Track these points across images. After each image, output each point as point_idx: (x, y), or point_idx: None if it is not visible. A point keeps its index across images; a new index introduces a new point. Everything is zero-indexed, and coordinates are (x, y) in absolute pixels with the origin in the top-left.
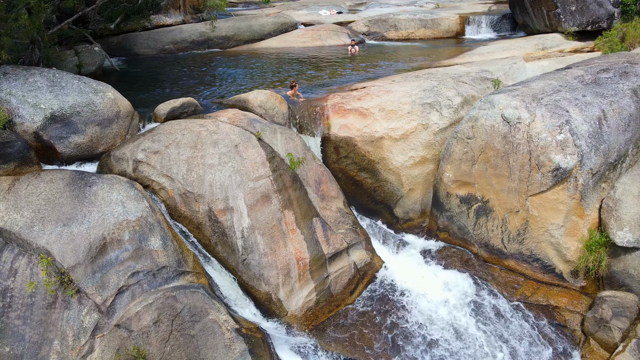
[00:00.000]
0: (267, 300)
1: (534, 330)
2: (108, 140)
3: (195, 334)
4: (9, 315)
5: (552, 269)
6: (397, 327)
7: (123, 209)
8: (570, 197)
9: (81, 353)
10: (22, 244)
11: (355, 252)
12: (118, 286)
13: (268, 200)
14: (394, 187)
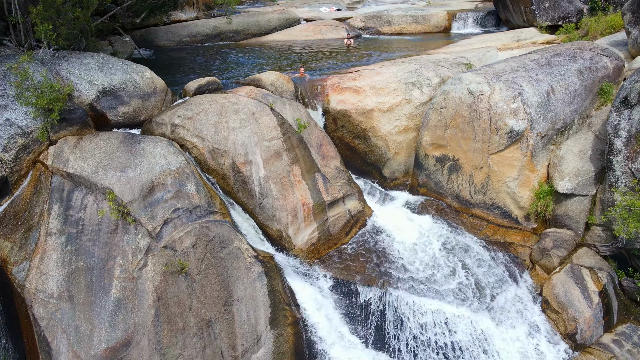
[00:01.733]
0: (278, 237)
1: (492, 260)
2: (148, 110)
3: (223, 257)
4: (82, 238)
5: (509, 214)
6: (383, 258)
7: (165, 161)
8: (523, 155)
9: (138, 266)
10: (89, 186)
11: (349, 201)
12: (164, 218)
13: (279, 157)
14: (382, 151)
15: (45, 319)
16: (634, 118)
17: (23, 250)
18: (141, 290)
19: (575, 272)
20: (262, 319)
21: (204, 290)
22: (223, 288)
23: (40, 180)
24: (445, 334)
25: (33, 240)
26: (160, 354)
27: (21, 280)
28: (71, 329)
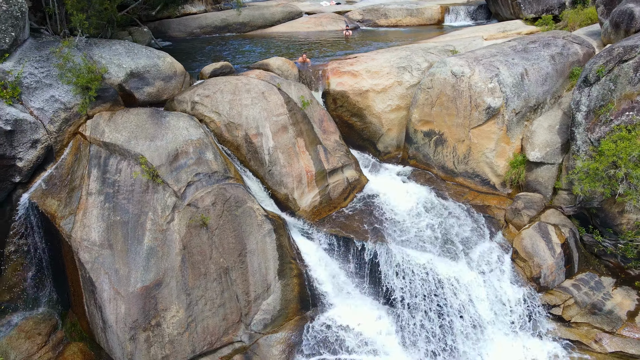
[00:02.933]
0: (285, 200)
1: (472, 220)
2: (169, 90)
3: (238, 215)
4: (117, 197)
5: (487, 181)
6: (377, 219)
7: (187, 132)
8: (499, 129)
9: (166, 220)
10: (123, 153)
11: (347, 171)
12: (187, 181)
13: (286, 130)
14: (377, 128)
15: (89, 263)
16: (592, 95)
17: (68, 207)
18: (169, 240)
19: (542, 228)
20: (271, 270)
21: (222, 242)
22: (238, 241)
23: (79, 149)
24: (429, 281)
25: (76, 199)
26: (186, 294)
27: (68, 231)
28: (112, 271)
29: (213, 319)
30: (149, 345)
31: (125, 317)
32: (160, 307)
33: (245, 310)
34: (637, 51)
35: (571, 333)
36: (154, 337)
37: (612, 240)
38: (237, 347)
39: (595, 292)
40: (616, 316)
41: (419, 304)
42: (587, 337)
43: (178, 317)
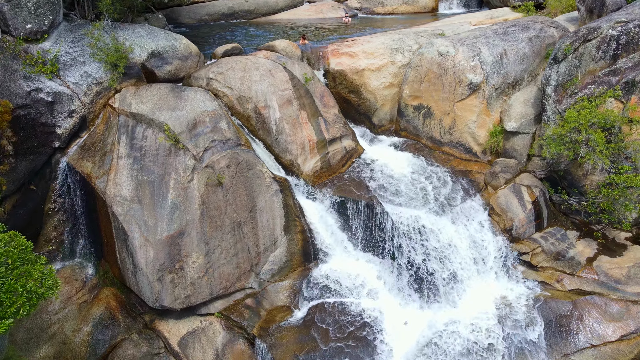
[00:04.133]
0: (290, 165)
1: (455, 183)
2: (186, 69)
3: (249, 176)
4: (144, 160)
5: (470, 150)
6: (372, 182)
7: (204, 104)
8: (480, 102)
9: (187, 179)
10: (148, 122)
11: (345, 140)
12: (205, 146)
13: (290, 103)
14: (372, 103)
15: (122, 215)
16: (560, 71)
17: (101, 168)
18: (190, 196)
19: (516, 188)
20: (278, 226)
21: (235, 200)
22: (249, 199)
23: (109, 119)
24: (417, 233)
25: (108, 162)
26: (205, 243)
27: (103, 188)
28: (141, 222)
29: (228, 267)
30: (174, 285)
31: (154, 261)
32: (183, 253)
33: (255, 260)
34: (599, 32)
35: (537, 275)
36: (178, 279)
37: (576, 198)
38: (248, 293)
39: (560, 243)
40: (577, 261)
41: (407, 254)
42: (551, 278)
43: (198, 263)
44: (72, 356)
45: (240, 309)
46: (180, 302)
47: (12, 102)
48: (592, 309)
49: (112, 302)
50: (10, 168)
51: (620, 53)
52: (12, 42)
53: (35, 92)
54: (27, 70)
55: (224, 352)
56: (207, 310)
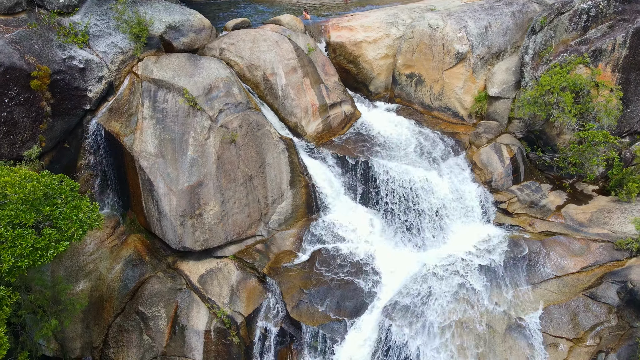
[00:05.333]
0: (295, 127)
1: (443, 143)
2: (200, 41)
3: (259, 135)
4: (166, 120)
5: (457, 114)
6: (368, 142)
7: (218, 72)
8: (466, 70)
9: (204, 137)
10: (168, 87)
11: (345, 105)
12: (219, 109)
13: (295, 71)
14: (369, 72)
15: (148, 168)
16: (537, 41)
17: (128, 128)
18: (207, 152)
19: (496, 146)
20: (284, 181)
21: (247, 156)
22: (259, 155)
23: (134, 84)
24: (407, 185)
25: (134, 122)
26: (220, 193)
27: (130, 145)
28: (165, 174)
29: (240, 215)
30: (194, 229)
31: (177, 207)
32: (202, 201)
33: (264, 211)
34: (572, 5)
35: (513, 220)
36: (198, 223)
37: (550, 155)
38: (258, 239)
39: (534, 194)
40: (547, 209)
41: (400, 204)
42: (524, 222)
43: (215, 211)
44: (106, 290)
45: (251, 253)
46: (200, 244)
47: (50, 68)
48: (558, 246)
49: (139, 245)
50: (48, 127)
51: (590, 24)
52: (47, 15)
53: (69, 59)
54: (61, 40)
55: (238, 287)
56: (222, 253)
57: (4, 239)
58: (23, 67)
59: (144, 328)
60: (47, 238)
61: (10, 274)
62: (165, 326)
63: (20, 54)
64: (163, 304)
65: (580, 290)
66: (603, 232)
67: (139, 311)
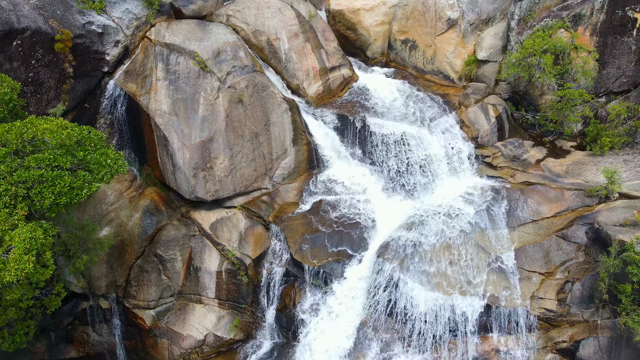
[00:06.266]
0: (297, 88)
1: (434, 103)
2: (207, 8)
3: (264, 96)
4: (178, 82)
5: (448, 77)
6: (366, 103)
7: (225, 37)
8: (457, 36)
9: (214, 97)
10: (180, 51)
11: (343, 69)
12: (227, 71)
13: (297, 37)
14: (366, 38)
15: (163, 125)
16: (522, 7)
17: (144, 88)
18: (216, 111)
19: (483, 106)
20: (287, 138)
21: (253, 114)
22: (264, 114)
23: (147, 48)
24: (400, 141)
25: (148, 83)
26: (229, 148)
27: (146, 104)
28: (178, 130)
29: (247, 169)
30: (205, 181)
31: (190, 161)
32: (212, 155)
33: (269, 166)
34: None
35: (496, 172)
36: (209, 176)
37: (532, 114)
38: (263, 192)
39: (517, 149)
40: (528, 162)
41: (393, 158)
42: (506, 174)
43: (224, 164)
44: (127, 235)
45: (258, 203)
46: (211, 194)
47: (72, 32)
48: (536, 194)
49: (155, 197)
50: (70, 87)
51: None
52: None
53: (89, 24)
54: (80, 7)
55: (246, 233)
56: (231, 203)
57: (45, 179)
58: (47, 31)
59: (162, 269)
60: (81, 179)
61: (50, 210)
62: (180, 268)
63: (45, 19)
64: (178, 248)
65: (553, 231)
66: (577, 181)
67: (157, 254)
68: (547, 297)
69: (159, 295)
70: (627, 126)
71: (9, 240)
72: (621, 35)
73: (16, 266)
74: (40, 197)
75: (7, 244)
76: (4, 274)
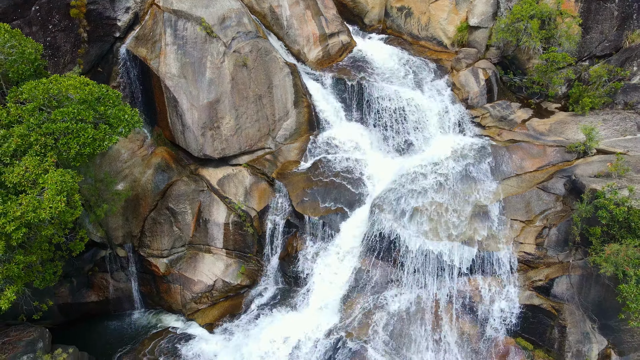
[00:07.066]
0: (298, 54)
1: (428, 68)
2: None
3: (267, 60)
4: (186, 46)
5: (442, 43)
6: (363, 67)
7: (229, 3)
8: (450, 3)
9: (220, 61)
10: (187, 17)
11: (342, 35)
12: (232, 36)
13: (298, 4)
14: (364, 6)
15: (172, 87)
16: None
17: (154, 53)
18: (222, 74)
19: (474, 70)
20: (289, 101)
21: (257, 77)
22: (267, 78)
23: (156, 15)
24: (395, 103)
25: (158, 48)
26: (235, 109)
27: (156, 67)
28: (187, 92)
29: (251, 130)
30: (213, 139)
31: (198, 120)
32: (219, 115)
33: (272, 127)
34: None
35: (484, 131)
36: (216, 135)
37: (520, 77)
38: (267, 151)
39: (504, 110)
40: (514, 122)
41: (389, 119)
42: (494, 133)
43: (230, 124)
44: (141, 189)
45: (261, 161)
46: (218, 152)
47: None
48: (520, 150)
49: (166, 155)
50: (85, 52)
51: None
52: None
53: None
54: None
55: (251, 189)
56: (237, 161)
57: (70, 131)
58: None
59: (174, 221)
60: (102, 131)
61: (75, 160)
62: (191, 220)
63: None
64: (188, 202)
65: (534, 184)
66: (559, 139)
67: (169, 207)
68: (526, 242)
69: (172, 245)
70: (607, 87)
71: (42, 183)
72: (604, 2)
73: (50, 205)
74: (66, 147)
75: (40, 187)
76: (40, 212)
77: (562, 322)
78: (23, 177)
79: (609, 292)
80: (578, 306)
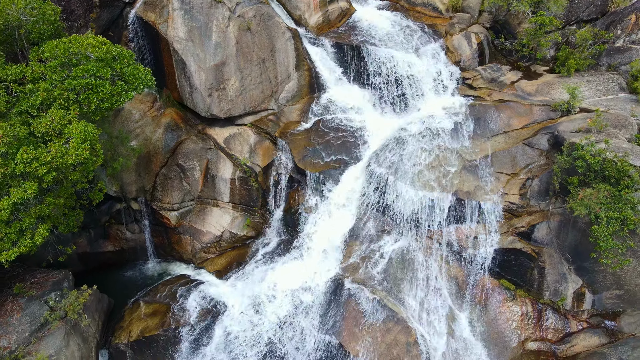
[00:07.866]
0: (299, 19)
1: (423, 32)
2: None
3: (270, 25)
4: (193, 11)
5: (437, 9)
6: (362, 31)
7: None
8: None
9: (225, 25)
10: None
11: (341, 2)
12: (236, 1)
13: None
14: None
15: (180, 50)
16: None
17: (162, 17)
18: (228, 38)
19: (467, 34)
20: (291, 64)
21: (260, 41)
22: (270, 42)
23: None
24: (392, 66)
25: (166, 13)
26: (239, 71)
27: (164, 31)
28: (194, 54)
29: (255, 91)
30: (219, 100)
31: (205, 81)
32: (225, 77)
33: (275, 89)
34: None
35: (475, 92)
36: (222, 95)
37: (510, 41)
38: (270, 112)
39: (495, 72)
40: (504, 83)
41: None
42: (484, 94)
43: (235, 86)
44: (152, 147)
45: (265, 122)
46: (224, 112)
47: None
48: (508, 109)
49: (175, 115)
50: (97, 16)
51: None
52: None
53: None
54: None
55: (256, 147)
56: (241, 121)
57: (90, 87)
58: None
59: (183, 177)
60: (119, 87)
61: (95, 114)
62: (199, 176)
63: None
64: (197, 159)
65: (520, 140)
66: (545, 99)
67: (179, 164)
68: (511, 192)
69: (182, 199)
70: (592, 50)
71: (67, 133)
72: None
73: (76, 152)
74: (87, 101)
75: (65, 137)
76: (67, 157)
77: (542, 264)
78: (50, 127)
79: (584, 236)
80: (556, 249)
